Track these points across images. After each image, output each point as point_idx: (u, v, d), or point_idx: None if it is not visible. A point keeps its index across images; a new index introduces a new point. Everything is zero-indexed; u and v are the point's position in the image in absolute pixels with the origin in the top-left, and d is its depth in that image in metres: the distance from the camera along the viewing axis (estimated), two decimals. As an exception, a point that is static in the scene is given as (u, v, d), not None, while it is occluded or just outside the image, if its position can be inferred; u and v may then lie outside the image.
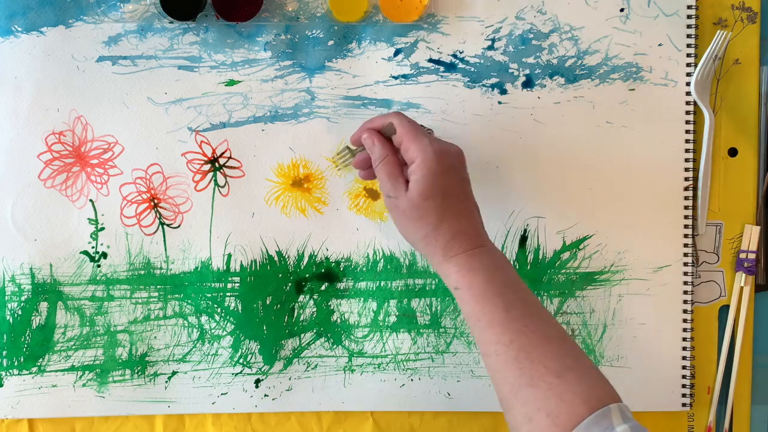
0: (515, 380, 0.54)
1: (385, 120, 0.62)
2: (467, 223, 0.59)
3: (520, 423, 0.53)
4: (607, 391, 0.53)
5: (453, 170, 0.60)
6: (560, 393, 0.52)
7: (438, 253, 0.59)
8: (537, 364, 0.53)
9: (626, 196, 0.70)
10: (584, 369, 0.54)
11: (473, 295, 0.57)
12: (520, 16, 0.70)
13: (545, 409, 0.52)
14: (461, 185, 0.60)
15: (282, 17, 0.69)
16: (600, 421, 0.51)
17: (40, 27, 0.68)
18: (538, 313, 0.56)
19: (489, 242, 0.60)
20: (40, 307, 0.69)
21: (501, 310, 0.55)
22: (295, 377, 0.70)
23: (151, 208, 0.69)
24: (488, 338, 0.55)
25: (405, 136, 0.60)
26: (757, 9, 0.71)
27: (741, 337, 0.71)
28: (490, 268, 0.58)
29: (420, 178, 0.58)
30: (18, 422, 0.69)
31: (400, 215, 0.60)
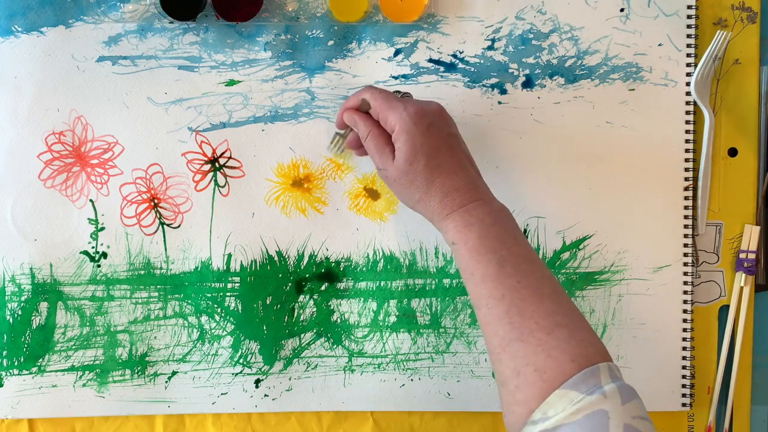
0: (505, 334, 0.53)
1: (358, 97, 0.63)
2: (459, 178, 0.59)
3: (508, 376, 0.53)
4: (597, 350, 0.53)
5: (434, 128, 0.59)
6: (549, 349, 0.52)
7: (435, 213, 0.59)
8: (527, 319, 0.53)
9: (626, 196, 0.70)
10: (575, 326, 0.53)
11: (468, 249, 0.56)
12: (520, 16, 0.70)
13: (533, 364, 0.52)
14: (446, 141, 0.60)
15: (282, 17, 0.69)
16: (588, 378, 0.50)
17: (40, 27, 0.68)
18: (532, 268, 0.56)
19: (486, 194, 0.60)
20: (40, 307, 0.69)
21: (494, 265, 0.55)
22: (295, 377, 0.70)
23: (151, 208, 0.69)
24: (481, 292, 0.55)
25: (380, 107, 0.61)
26: (757, 9, 0.71)
27: (741, 337, 0.71)
28: (486, 223, 0.57)
29: (402, 144, 0.59)
30: (18, 422, 0.69)
31: (393, 184, 0.61)
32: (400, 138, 0.59)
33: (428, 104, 0.61)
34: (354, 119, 0.63)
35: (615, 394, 0.50)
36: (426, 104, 0.61)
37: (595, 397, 0.49)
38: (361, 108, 0.63)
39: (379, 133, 0.61)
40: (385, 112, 0.60)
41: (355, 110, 0.63)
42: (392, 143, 0.60)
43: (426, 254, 0.70)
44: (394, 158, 0.60)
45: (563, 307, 0.55)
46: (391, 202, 0.70)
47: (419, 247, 0.70)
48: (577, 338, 0.52)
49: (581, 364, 0.51)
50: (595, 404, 0.49)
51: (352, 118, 0.63)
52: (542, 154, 0.70)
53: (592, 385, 0.50)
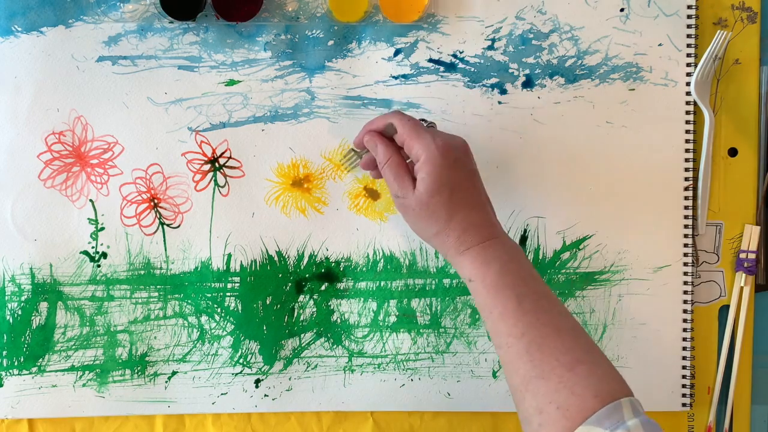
0: (526, 372, 0.54)
1: (385, 120, 0.62)
2: (478, 214, 0.59)
3: (531, 415, 0.53)
4: (618, 385, 0.53)
5: (459, 163, 0.60)
6: (571, 386, 0.52)
7: (452, 247, 0.59)
8: (548, 356, 0.53)
9: (626, 196, 0.70)
10: (596, 362, 0.54)
11: (486, 286, 0.57)
12: (520, 16, 0.70)
13: (556, 401, 0.52)
14: (469, 177, 0.60)
15: (282, 17, 0.69)
16: (611, 414, 0.50)
17: (40, 27, 0.68)
18: (550, 305, 0.56)
19: (502, 232, 0.60)
20: (40, 307, 0.69)
21: (513, 302, 0.55)
22: (295, 377, 0.70)
23: (151, 208, 0.69)
24: (500, 330, 0.55)
25: (407, 134, 0.60)
26: (757, 9, 0.71)
27: (741, 337, 0.71)
28: (503, 260, 0.57)
29: (426, 175, 0.58)
30: (18, 422, 0.69)
31: (411, 214, 0.60)
32: (424, 168, 0.58)
33: (455, 139, 0.61)
34: (375, 144, 0.62)
35: (638, 429, 0.50)
36: (453, 138, 0.61)
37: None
38: (385, 132, 0.62)
39: (399, 162, 0.61)
40: (412, 140, 0.60)
41: (377, 133, 0.62)
42: (411, 172, 0.60)
43: (426, 254, 0.70)
44: (414, 188, 0.59)
45: (581, 342, 0.55)
46: (391, 202, 0.70)
47: (419, 247, 0.70)
48: (598, 374, 0.53)
49: (604, 400, 0.51)
50: None
51: (374, 142, 0.62)
52: (542, 154, 0.70)
53: (616, 421, 0.50)
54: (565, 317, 0.56)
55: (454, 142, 0.60)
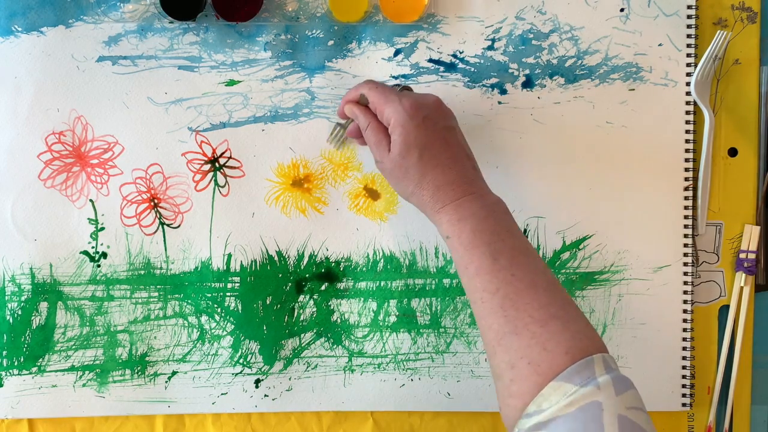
0: (499, 328, 0.53)
1: (357, 91, 0.64)
2: (452, 172, 0.59)
3: (503, 370, 0.53)
4: (592, 341, 0.53)
5: (429, 121, 0.60)
6: (543, 342, 0.52)
7: (428, 206, 0.59)
8: (522, 312, 0.53)
9: (626, 196, 0.70)
10: (570, 318, 0.53)
11: (462, 243, 0.56)
12: (520, 16, 0.70)
13: (527, 357, 0.52)
14: (441, 134, 0.60)
15: (282, 17, 0.69)
16: (582, 370, 0.50)
17: (40, 27, 0.68)
18: (527, 261, 0.56)
19: (481, 188, 0.59)
20: (40, 307, 0.69)
21: (488, 259, 0.55)
22: (295, 377, 0.70)
23: (151, 208, 0.69)
24: (475, 286, 0.55)
25: (377, 101, 0.62)
26: (757, 9, 0.71)
27: (741, 337, 0.71)
28: (479, 216, 0.57)
29: (396, 137, 0.59)
30: (18, 422, 0.69)
31: (388, 176, 0.61)
32: (395, 131, 0.60)
33: (425, 97, 0.62)
34: (354, 111, 0.64)
35: (609, 386, 0.49)
36: (423, 97, 0.61)
37: (589, 388, 0.49)
38: (360, 102, 0.64)
39: (378, 126, 0.62)
40: (381, 105, 0.61)
41: (355, 103, 0.64)
42: (389, 136, 0.61)
43: (426, 254, 0.70)
44: (389, 151, 0.60)
45: (558, 298, 0.54)
46: (391, 202, 0.70)
47: (419, 247, 0.70)
48: (572, 330, 0.52)
49: (575, 356, 0.51)
50: (588, 396, 0.49)
51: (353, 110, 0.64)
52: (542, 154, 0.70)
53: (586, 377, 0.50)
54: (542, 273, 0.56)
55: (423, 102, 0.61)
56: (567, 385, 0.50)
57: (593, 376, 0.50)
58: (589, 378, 0.50)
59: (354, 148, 0.70)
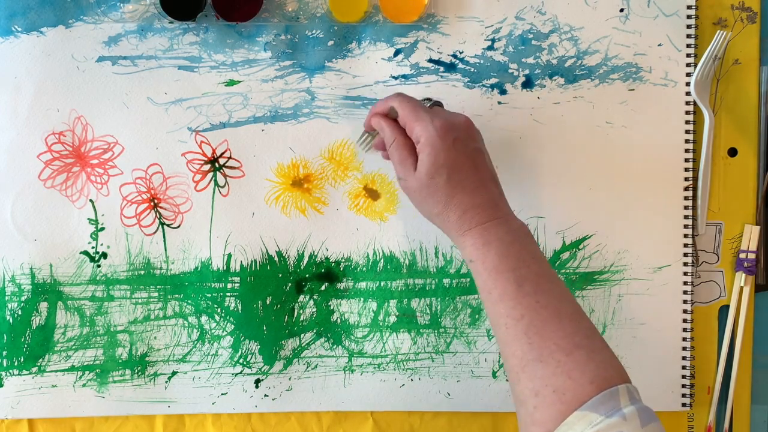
0: (524, 354, 0.53)
1: (387, 104, 0.62)
2: (479, 195, 0.58)
3: (527, 396, 0.53)
4: (616, 372, 0.53)
5: (459, 142, 0.59)
6: (568, 371, 0.52)
7: (453, 228, 0.59)
8: (547, 340, 0.53)
9: (626, 196, 0.70)
10: (595, 348, 0.53)
11: (486, 268, 0.56)
12: (519, 16, 0.70)
13: (552, 385, 0.51)
14: (471, 157, 0.59)
15: (282, 17, 0.69)
16: (607, 401, 0.50)
17: (40, 27, 0.68)
18: (552, 287, 0.56)
19: (506, 213, 0.59)
20: (40, 307, 0.69)
21: (513, 285, 0.55)
22: (295, 377, 0.70)
23: (151, 208, 0.69)
24: (499, 311, 0.55)
25: (407, 117, 0.60)
26: (757, 9, 0.71)
27: (741, 337, 0.71)
28: (504, 241, 0.57)
29: (426, 156, 0.58)
30: (18, 422, 0.69)
31: (413, 195, 0.60)
32: (424, 150, 0.58)
33: (456, 117, 0.60)
34: (381, 125, 0.62)
35: (634, 417, 0.50)
36: (454, 116, 0.60)
37: (615, 419, 0.49)
38: (390, 114, 0.62)
39: (404, 143, 0.61)
40: (411, 122, 0.60)
41: (383, 116, 0.63)
42: (416, 153, 0.60)
43: (426, 254, 0.70)
44: (416, 169, 0.59)
45: (582, 327, 0.54)
46: (391, 202, 0.70)
47: (419, 247, 0.70)
48: (596, 360, 0.52)
49: (600, 385, 0.51)
50: (614, 426, 0.49)
51: (380, 123, 0.63)
52: (542, 154, 0.70)
53: (612, 408, 0.50)
54: (566, 301, 0.56)
55: (454, 122, 0.60)
56: (592, 414, 0.50)
57: (618, 407, 0.50)
58: (614, 409, 0.50)
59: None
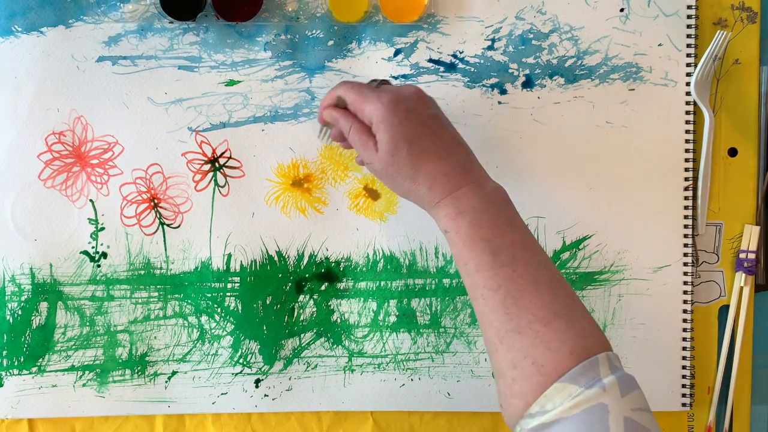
0: (501, 325, 0.52)
1: (333, 95, 0.62)
2: (446, 162, 0.57)
3: (505, 368, 0.52)
4: (596, 340, 0.52)
5: (412, 113, 0.58)
6: (547, 341, 0.51)
7: (426, 201, 0.57)
8: (524, 310, 0.52)
9: (626, 196, 0.70)
10: (574, 317, 0.52)
11: (461, 238, 0.55)
12: (520, 16, 0.70)
13: (531, 356, 0.51)
14: (427, 125, 0.58)
15: (282, 17, 0.69)
16: (586, 371, 0.50)
17: (40, 27, 0.68)
18: (529, 256, 0.54)
19: (478, 176, 0.57)
20: (40, 307, 0.69)
21: (488, 255, 0.54)
22: (295, 377, 0.70)
23: (151, 208, 0.69)
24: (475, 282, 0.54)
25: (354, 101, 0.59)
26: (757, 9, 0.71)
27: (741, 337, 0.71)
28: (478, 209, 0.55)
29: (382, 135, 0.57)
30: (18, 422, 0.69)
31: (381, 176, 0.59)
32: (379, 128, 0.57)
33: (404, 89, 0.59)
34: (334, 116, 0.61)
35: (614, 387, 0.49)
36: (401, 89, 0.59)
37: (594, 390, 0.49)
38: (338, 105, 0.62)
39: (360, 127, 0.59)
40: (360, 104, 0.59)
41: (333, 107, 0.62)
42: (374, 136, 0.58)
43: (426, 254, 0.70)
44: (377, 150, 0.58)
45: (561, 295, 0.53)
46: (391, 202, 0.70)
47: (419, 247, 0.70)
48: (576, 329, 0.51)
49: (580, 355, 0.50)
50: (594, 398, 0.48)
51: (332, 114, 0.62)
52: (542, 154, 0.70)
53: (591, 378, 0.49)
54: (544, 268, 0.54)
55: (403, 94, 0.58)
56: (572, 386, 0.49)
57: (598, 377, 0.49)
58: (594, 379, 0.49)
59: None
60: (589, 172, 0.70)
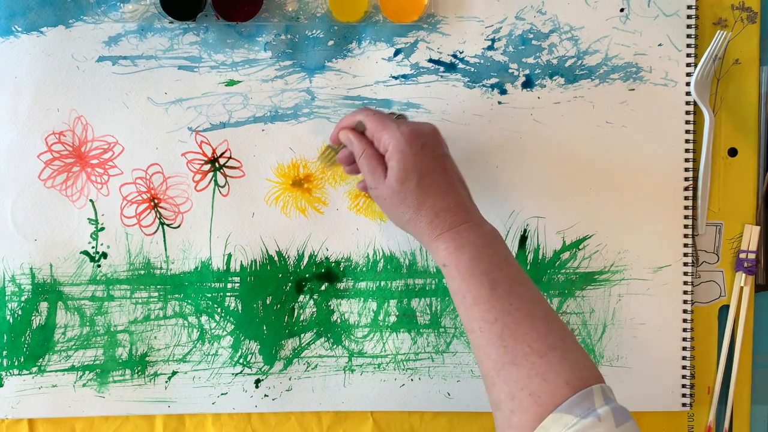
0: (498, 358, 0.54)
1: (354, 118, 0.63)
2: (450, 199, 0.59)
3: (502, 400, 0.53)
4: (590, 372, 0.53)
5: (427, 148, 0.60)
6: (543, 372, 0.52)
7: (425, 234, 0.59)
8: (521, 342, 0.53)
9: (626, 196, 0.70)
10: (569, 349, 0.54)
11: (460, 272, 0.57)
12: (520, 16, 0.70)
13: (528, 388, 0.52)
14: (439, 162, 0.60)
15: (282, 17, 0.69)
16: (582, 401, 0.51)
17: (40, 27, 0.68)
18: (524, 290, 0.56)
19: (477, 216, 0.60)
20: (40, 307, 0.69)
21: (487, 288, 0.55)
22: (295, 377, 0.70)
23: (151, 208, 0.69)
24: (473, 315, 0.55)
25: (374, 128, 0.61)
26: (757, 9, 0.71)
27: (741, 337, 0.71)
28: (477, 245, 0.57)
29: (394, 163, 0.59)
30: (18, 422, 0.69)
31: (384, 203, 0.61)
32: (393, 157, 0.59)
33: (422, 125, 0.61)
34: (350, 138, 0.63)
35: (609, 417, 0.50)
36: (420, 125, 0.61)
37: (590, 420, 0.50)
38: (356, 128, 0.63)
39: (373, 154, 0.61)
40: (379, 132, 0.61)
41: (350, 129, 0.63)
42: (385, 164, 0.60)
43: (426, 254, 0.70)
44: (386, 178, 0.60)
45: (555, 328, 0.55)
46: (391, 202, 0.70)
47: (419, 247, 0.70)
48: (571, 360, 0.53)
49: (575, 386, 0.51)
50: (589, 427, 0.49)
51: (348, 137, 0.63)
52: (542, 154, 0.70)
53: (587, 408, 0.50)
54: (539, 303, 0.56)
55: (421, 129, 0.61)
56: (567, 416, 0.50)
57: (593, 408, 0.50)
58: (589, 409, 0.50)
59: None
60: (589, 172, 0.70)
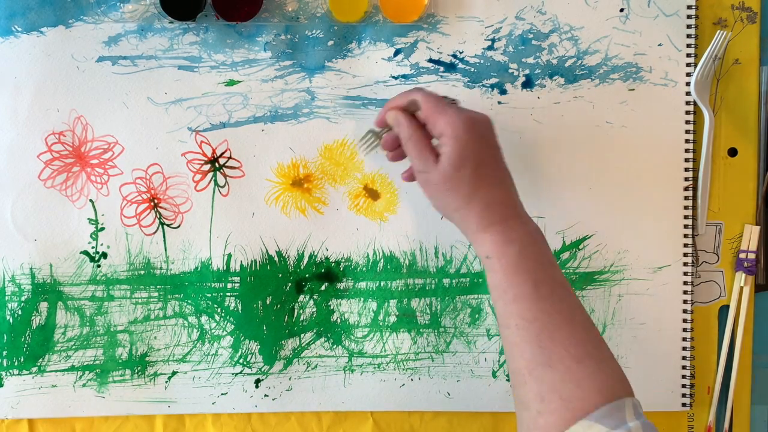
0: (533, 357, 0.53)
1: (408, 97, 0.61)
2: (501, 191, 0.58)
3: (531, 400, 0.52)
4: (623, 385, 0.53)
5: (483, 139, 0.59)
6: (578, 379, 0.51)
7: (473, 223, 0.58)
8: (558, 345, 0.53)
9: (626, 196, 0.70)
10: (604, 358, 0.53)
11: (503, 266, 0.56)
12: (519, 16, 0.70)
13: (560, 391, 0.51)
14: (493, 153, 0.59)
15: (282, 17, 0.69)
16: (614, 413, 0.50)
17: (40, 27, 0.68)
18: (566, 294, 0.56)
19: (524, 212, 0.59)
20: (40, 307, 0.69)
21: (530, 287, 0.55)
22: (295, 377, 0.70)
23: (151, 208, 0.69)
24: (512, 311, 0.55)
25: (431, 110, 0.59)
26: (757, 9, 0.71)
27: (741, 337, 0.71)
28: (524, 242, 0.56)
29: (451, 149, 0.57)
30: (18, 422, 0.69)
31: (433, 189, 0.59)
32: (449, 143, 0.57)
33: (479, 114, 0.60)
34: (399, 119, 0.61)
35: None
36: (477, 114, 0.60)
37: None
38: (408, 108, 0.61)
39: (423, 136, 0.60)
40: (436, 116, 0.59)
41: (400, 110, 0.61)
42: (434, 148, 0.59)
43: (426, 254, 0.70)
44: (438, 162, 0.58)
45: (592, 336, 0.55)
46: (391, 202, 0.70)
47: (419, 247, 0.70)
48: (606, 371, 0.53)
49: (608, 397, 0.51)
50: None
51: (398, 118, 0.61)
52: (542, 154, 0.70)
53: (618, 420, 0.50)
54: (578, 309, 0.56)
55: (479, 118, 0.59)
56: (597, 425, 0.50)
57: (624, 421, 0.50)
58: (620, 422, 0.50)
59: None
60: (589, 172, 0.70)
